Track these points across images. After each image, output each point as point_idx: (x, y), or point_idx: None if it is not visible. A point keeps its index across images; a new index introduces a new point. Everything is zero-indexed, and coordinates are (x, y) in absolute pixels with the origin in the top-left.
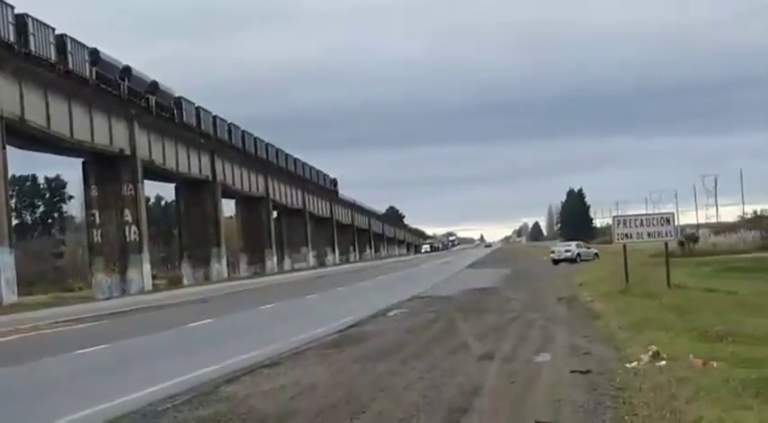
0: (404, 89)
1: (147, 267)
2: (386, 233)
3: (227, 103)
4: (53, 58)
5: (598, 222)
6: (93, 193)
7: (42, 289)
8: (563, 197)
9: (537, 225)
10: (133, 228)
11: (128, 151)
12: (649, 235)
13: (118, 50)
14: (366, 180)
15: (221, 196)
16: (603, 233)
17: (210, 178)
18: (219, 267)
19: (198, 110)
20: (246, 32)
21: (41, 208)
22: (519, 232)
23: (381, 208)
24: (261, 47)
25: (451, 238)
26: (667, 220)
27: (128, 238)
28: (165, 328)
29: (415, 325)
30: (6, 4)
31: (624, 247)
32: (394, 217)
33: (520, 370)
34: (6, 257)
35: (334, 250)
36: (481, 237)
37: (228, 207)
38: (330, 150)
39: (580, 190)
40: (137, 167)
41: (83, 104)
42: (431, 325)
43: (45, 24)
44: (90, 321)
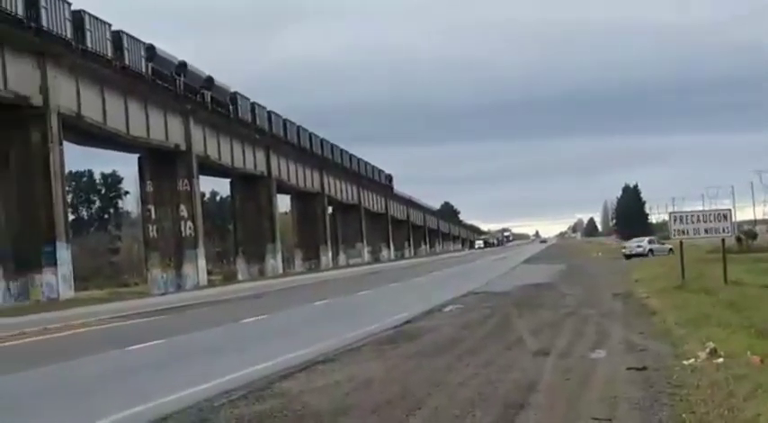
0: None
1: (202, 263)
2: (441, 229)
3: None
4: (109, 54)
5: (653, 218)
6: (149, 188)
7: (98, 284)
8: (618, 193)
9: (592, 221)
10: (188, 223)
11: (183, 147)
12: (706, 231)
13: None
14: (420, 176)
15: (276, 192)
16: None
17: (266, 174)
18: (274, 263)
19: (253, 105)
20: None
21: (97, 203)
22: (574, 228)
23: (436, 204)
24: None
25: (506, 234)
26: (724, 217)
27: (183, 234)
28: (219, 324)
29: (471, 321)
30: (64, 0)
31: (680, 243)
32: (449, 213)
33: (575, 366)
34: (63, 253)
35: (389, 246)
36: (536, 232)
37: (283, 203)
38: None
39: (636, 186)
40: (192, 163)
41: (139, 100)
42: (486, 321)
43: (101, 20)
44: (145, 317)
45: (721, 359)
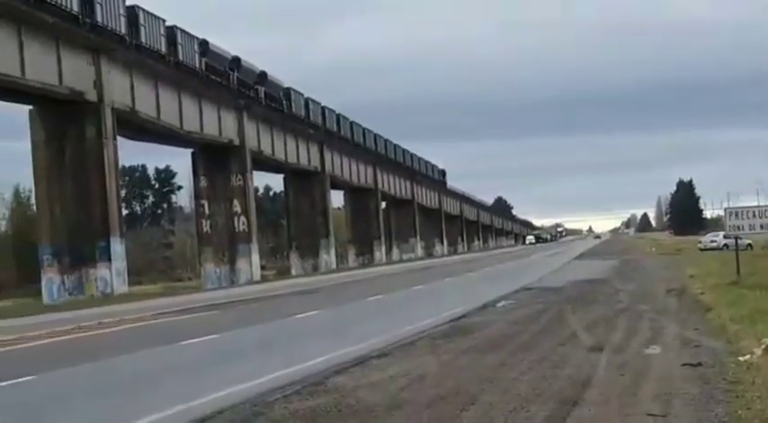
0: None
1: (255, 258)
2: (494, 224)
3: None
4: (163, 49)
5: (708, 214)
6: (203, 183)
7: (151, 279)
8: (672, 188)
9: (645, 216)
10: (242, 218)
11: (237, 142)
12: (762, 227)
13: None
14: (474, 171)
15: (330, 187)
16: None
17: (319, 169)
18: (328, 258)
19: (307, 100)
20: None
21: (151, 198)
22: (627, 224)
23: (489, 199)
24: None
25: (559, 230)
26: None
27: (236, 229)
28: (273, 319)
29: (524, 316)
30: None
31: (736, 238)
32: (502, 208)
33: (630, 362)
34: (117, 248)
35: (442, 241)
36: (590, 228)
37: (337, 198)
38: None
39: (690, 181)
40: (245, 158)
41: (192, 95)
42: (539, 316)
43: (155, 16)
44: (198, 311)
45: None
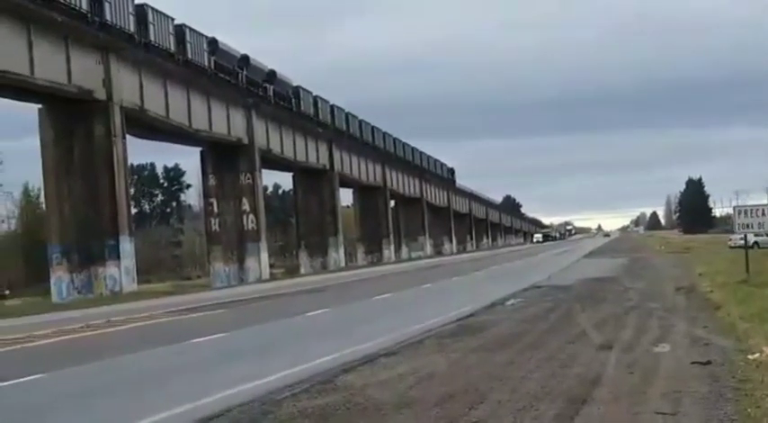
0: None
1: (264, 256)
2: (503, 222)
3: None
4: (172, 47)
5: (717, 212)
6: (211, 181)
7: (160, 277)
8: (682, 187)
9: (654, 215)
10: (251, 216)
11: (246, 140)
12: None
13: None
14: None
15: (339, 185)
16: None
17: (328, 167)
18: (337, 256)
19: (316, 99)
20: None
21: (160, 197)
22: (636, 222)
23: (498, 197)
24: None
25: (568, 228)
26: None
27: (245, 227)
28: (281, 318)
29: (533, 314)
30: None
31: (745, 237)
32: (511, 206)
33: (639, 360)
34: (126, 246)
35: (451, 239)
36: (598, 226)
37: (346, 196)
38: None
39: (699, 179)
40: (254, 156)
41: (201, 94)
42: (548, 314)
43: (164, 14)
44: (207, 310)
45: None
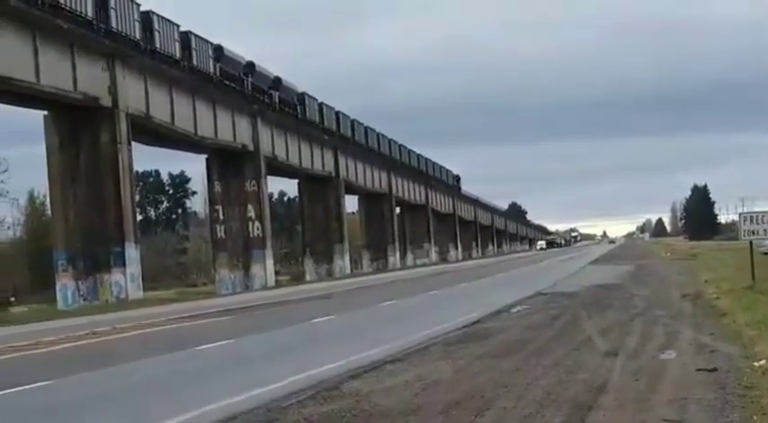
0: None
1: (269, 263)
2: (508, 229)
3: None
4: (178, 54)
5: (722, 219)
6: (217, 188)
7: (166, 284)
8: (687, 193)
9: (660, 221)
10: (256, 223)
11: (251, 147)
12: None
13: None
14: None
15: (344, 192)
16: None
17: (333, 174)
18: (342, 263)
19: (321, 106)
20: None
21: (165, 203)
22: (642, 228)
23: (504, 204)
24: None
25: (574, 235)
26: None
27: (251, 234)
28: (287, 324)
29: (538, 321)
30: (132, 1)
31: (750, 243)
32: (516, 213)
33: (644, 367)
34: (132, 253)
35: (456, 246)
36: (604, 233)
37: (351, 203)
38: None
39: (705, 186)
40: (260, 163)
41: (206, 100)
42: (554, 321)
43: (170, 21)
44: (213, 317)
45: None
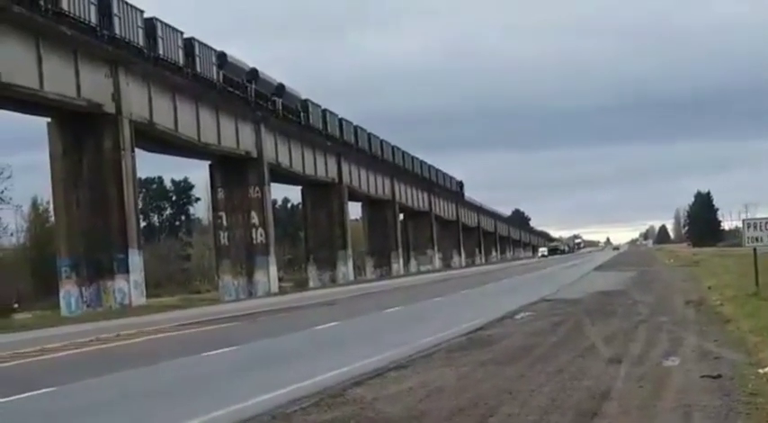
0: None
1: (273, 270)
2: (511, 236)
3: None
4: (181, 61)
5: (726, 225)
6: (220, 195)
7: (169, 291)
8: (690, 200)
9: (663, 228)
10: (260, 230)
11: (254, 154)
12: None
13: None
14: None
15: (347, 199)
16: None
17: (337, 181)
18: (346, 270)
19: (324, 112)
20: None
21: (168, 210)
22: (645, 235)
23: (507, 210)
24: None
25: (577, 241)
26: None
27: (254, 241)
28: (292, 331)
29: (542, 328)
30: (136, 8)
31: (754, 250)
32: (519, 219)
33: (648, 374)
34: (135, 260)
35: (459, 253)
36: (607, 239)
37: (354, 210)
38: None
39: (708, 193)
40: (263, 170)
41: (210, 107)
42: (557, 328)
43: (173, 28)
44: (217, 323)
45: None
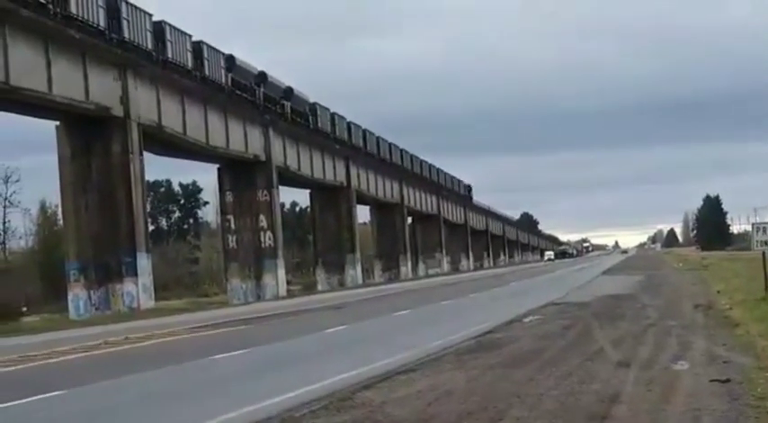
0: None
1: (281, 273)
2: (520, 239)
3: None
4: (189, 64)
5: (735, 229)
6: (229, 198)
7: (177, 294)
8: (699, 203)
9: (672, 231)
10: (268, 233)
11: (263, 157)
12: None
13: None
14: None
15: (356, 202)
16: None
17: (345, 184)
18: (354, 273)
19: (333, 116)
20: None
21: (177, 214)
22: (653, 239)
23: (515, 214)
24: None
25: (585, 245)
26: None
27: (262, 244)
28: (300, 334)
29: (551, 331)
30: (144, 12)
31: (763, 254)
32: (528, 223)
33: (657, 378)
34: (144, 263)
35: (468, 256)
36: (615, 243)
37: (363, 213)
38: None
39: (717, 196)
40: (272, 173)
41: (218, 111)
42: (566, 331)
43: (182, 31)
44: (226, 327)
45: None
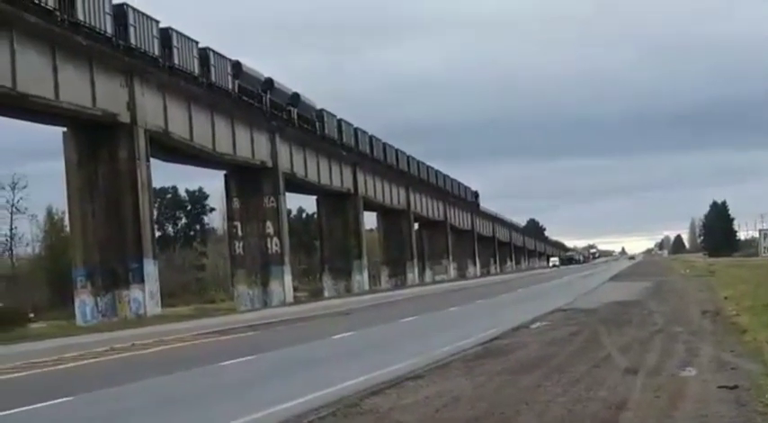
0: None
1: (288, 279)
2: (526, 246)
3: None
4: (196, 71)
5: (742, 235)
6: (235, 205)
7: (184, 301)
8: (706, 210)
9: (679, 238)
10: (275, 240)
11: (269, 164)
12: None
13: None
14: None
15: (363, 209)
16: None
17: (352, 191)
18: (361, 279)
19: (339, 122)
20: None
21: (183, 220)
22: (660, 245)
23: (522, 220)
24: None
25: (592, 251)
26: None
27: (269, 250)
28: (308, 341)
29: (558, 338)
30: (151, 18)
31: None
32: (534, 229)
33: (665, 384)
34: (150, 269)
35: (474, 262)
36: (622, 249)
37: (369, 219)
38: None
39: (724, 202)
40: (278, 180)
41: (225, 117)
42: (573, 338)
43: (188, 38)
44: (233, 333)
45: None
